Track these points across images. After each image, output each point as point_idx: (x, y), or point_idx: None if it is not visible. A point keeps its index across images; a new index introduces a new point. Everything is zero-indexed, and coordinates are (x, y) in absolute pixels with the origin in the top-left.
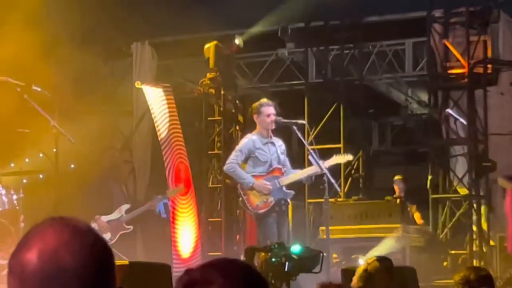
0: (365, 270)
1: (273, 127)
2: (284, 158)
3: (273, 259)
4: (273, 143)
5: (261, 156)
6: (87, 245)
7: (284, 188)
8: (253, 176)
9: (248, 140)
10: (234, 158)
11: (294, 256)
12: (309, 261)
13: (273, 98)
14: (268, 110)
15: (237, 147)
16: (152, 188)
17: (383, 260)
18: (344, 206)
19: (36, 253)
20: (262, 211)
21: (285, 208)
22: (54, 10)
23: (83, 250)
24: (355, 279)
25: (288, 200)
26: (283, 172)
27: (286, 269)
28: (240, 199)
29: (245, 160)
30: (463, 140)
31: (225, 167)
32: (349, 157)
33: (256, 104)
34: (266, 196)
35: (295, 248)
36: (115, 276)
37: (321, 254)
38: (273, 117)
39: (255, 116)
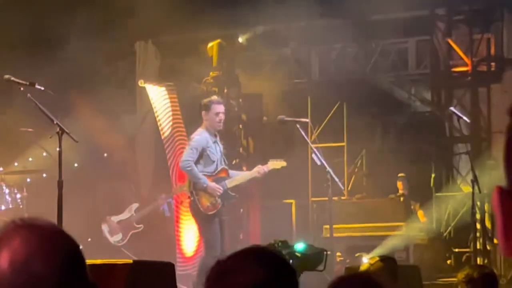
0: (367, 270)
1: (221, 127)
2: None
3: None
4: (217, 143)
5: (211, 155)
6: (58, 250)
7: (229, 191)
8: (205, 175)
9: (201, 137)
10: (190, 155)
11: (298, 254)
12: (313, 259)
13: (276, 96)
14: (217, 108)
15: (192, 144)
16: (156, 187)
17: (386, 259)
18: (348, 204)
19: (7, 263)
20: (211, 212)
21: (227, 211)
22: (57, 9)
23: (56, 256)
24: None
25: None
26: (228, 172)
27: None
28: (192, 198)
29: (198, 159)
30: (466, 138)
31: (181, 164)
32: (283, 163)
33: (206, 101)
34: (215, 197)
35: (299, 246)
36: (86, 273)
37: (325, 252)
38: (221, 116)
39: (203, 113)
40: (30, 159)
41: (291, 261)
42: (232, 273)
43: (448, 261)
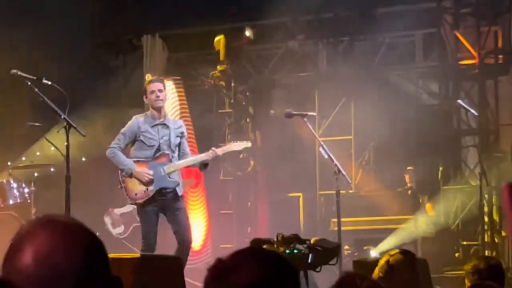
0: (387, 262)
1: (160, 105)
2: (181, 142)
3: (292, 251)
4: (165, 125)
5: (146, 140)
6: (81, 244)
7: (168, 177)
8: (138, 162)
9: (133, 122)
10: (116, 142)
11: (319, 248)
12: (330, 253)
13: (283, 89)
14: (152, 87)
15: (122, 130)
16: None
17: (406, 253)
18: (355, 197)
19: (31, 257)
20: (140, 201)
21: (171, 198)
22: (66, 3)
23: (79, 250)
24: (376, 269)
25: (177, 189)
26: (170, 158)
27: (309, 261)
28: (119, 186)
29: (132, 143)
30: (474, 131)
31: (106, 152)
32: (248, 144)
33: (144, 84)
34: (146, 185)
35: (317, 240)
36: (109, 268)
37: (339, 246)
38: (158, 94)
39: (144, 97)
40: (38, 153)
41: (310, 255)
42: (232, 272)
43: (456, 254)
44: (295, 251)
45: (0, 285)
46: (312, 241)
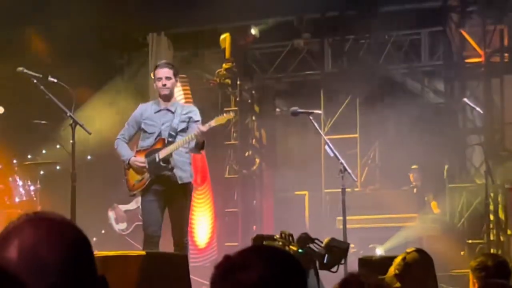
0: (403, 259)
1: (165, 92)
2: (188, 126)
3: (306, 251)
4: (169, 110)
5: (147, 128)
6: (66, 238)
7: (162, 162)
8: (139, 151)
9: (136, 110)
10: (121, 133)
11: (336, 248)
12: (344, 253)
13: (289, 88)
14: (159, 73)
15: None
16: None
17: (422, 252)
18: (361, 196)
19: (15, 250)
20: (137, 191)
21: (172, 188)
22: (72, 1)
23: (62, 244)
24: (392, 267)
25: (178, 177)
26: (166, 144)
27: (325, 261)
28: (123, 180)
29: (139, 134)
30: (479, 129)
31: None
32: (230, 115)
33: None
34: (142, 174)
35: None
36: (95, 267)
37: (349, 246)
38: (165, 81)
39: (153, 83)
40: (44, 151)
41: (326, 256)
42: (239, 270)
43: (462, 252)
44: (310, 250)
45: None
46: (325, 241)
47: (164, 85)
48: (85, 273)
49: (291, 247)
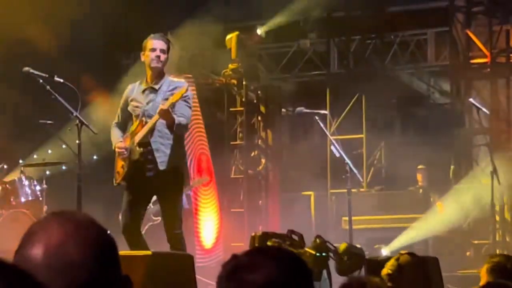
0: (397, 260)
1: (156, 65)
2: (174, 103)
3: (318, 254)
4: (153, 89)
5: (132, 110)
6: (92, 238)
7: (138, 147)
8: (126, 136)
9: (126, 90)
10: (115, 119)
11: (356, 256)
12: (362, 260)
13: (295, 88)
14: (154, 43)
15: None
16: None
17: (413, 255)
18: (367, 196)
19: (41, 248)
20: (120, 180)
21: (156, 177)
22: (78, 1)
23: (89, 243)
24: (385, 267)
25: (159, 163)
26: (144, 124)
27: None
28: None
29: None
30: (485, 130)
31: None
32: (184, 88)
33: (144, 41)
34: (124, 161)
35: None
36: (120, 266)
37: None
38: (159, 53)
39: (141, 54)
40: (50, 151)
41: (346, 261)
42: (247, 270)
43: (468, 253)
44: (328, 255)
45: (13, 272)
46: (342, 246)
47: (158, 56)
48: (112, 272)
49: (307, 249)
